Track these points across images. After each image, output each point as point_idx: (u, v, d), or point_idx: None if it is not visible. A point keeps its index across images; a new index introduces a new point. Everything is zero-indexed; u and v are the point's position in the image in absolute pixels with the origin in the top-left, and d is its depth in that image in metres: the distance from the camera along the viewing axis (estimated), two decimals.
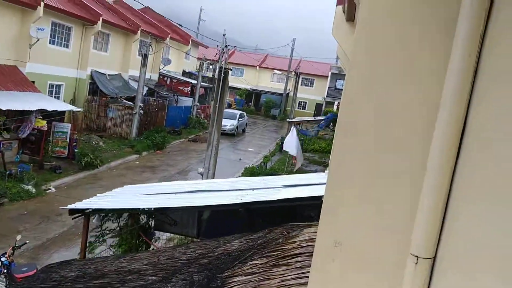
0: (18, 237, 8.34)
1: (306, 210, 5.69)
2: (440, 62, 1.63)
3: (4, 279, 7.63)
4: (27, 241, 8.80)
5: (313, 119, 32.99)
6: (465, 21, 1.49)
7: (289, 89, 47.76)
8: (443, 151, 1.59)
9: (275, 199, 5.26)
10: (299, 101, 47.92)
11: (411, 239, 1.83)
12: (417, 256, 1.81)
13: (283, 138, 25.88)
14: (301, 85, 46.74)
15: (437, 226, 1.76)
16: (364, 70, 1.91)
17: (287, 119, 32.90)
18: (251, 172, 18.59)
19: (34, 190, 13.65)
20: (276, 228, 5.37)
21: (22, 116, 15.73)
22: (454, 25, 1.54)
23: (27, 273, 7.00)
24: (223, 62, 17.72)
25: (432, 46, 1.69)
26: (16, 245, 8.19)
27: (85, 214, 6.46)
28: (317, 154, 26.26)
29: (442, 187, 1.66)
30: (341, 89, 34.71)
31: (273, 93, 49.05)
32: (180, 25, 29.65)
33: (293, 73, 46.40)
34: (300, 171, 20.32)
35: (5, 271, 7.71)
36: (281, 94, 48.33)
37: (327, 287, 2.14)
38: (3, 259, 7.81)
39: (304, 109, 49.26)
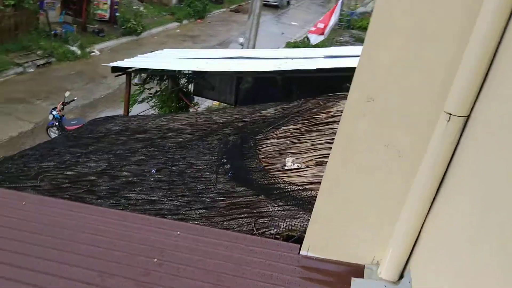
0: (67, 94, 8.82)
1: (345, 82, 5.57)
2: None
3: (56, 130, 8.31)
4: (75, 98, 9.31)
5: None
6: None
7: None
8: None
9: (314, 68, 5.13)
10: None
11: (446, 97, 1.76)
12: (450, 114, 1.75)
13: None
14: None
15: (476, 85, 1.66)
16: None
17: None
18: (293, 47, 18.04)
19: (79, 52, 13.99)
20: (312, 98, 5.36)
21: None
22: None
23: (76, 125, 7.53)
24: None
25: None
26: (66, 101, 8.72)
27: (127, 73, 6.62)
28: (364, 31, 24.85)
29: (488, 47, 1.53)
30: None
31: None
32: None
33: None
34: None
35: (56, 123, 8.35)
36: None
37: (353, 141, 2.15)
38: (54, 112, 8.40)
39: None
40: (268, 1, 27.00)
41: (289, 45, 18.69)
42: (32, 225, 2.12)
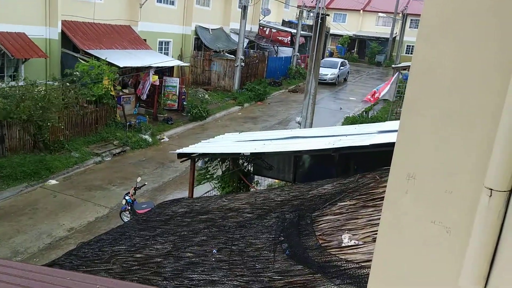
0: (139, 179, 9.54)
1: None
2: None
3: (128, 214, 8.89)
4: (146, 183, 10.01)
5: None
6: None
7: (395, 33, 44.63)
8: None
9: (368, 144, 5.23)
10: (407, 45, 44.65)
11: (486, 172, 1.81)
12: (491, 189, 1.79)
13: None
14: (410, 27, 43.32)
15: None
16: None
17: (392, 65, 31.08)
18: (351, 121, 18.25)
19: (150, 139, 15.20)
20: (369, 173, 5.38)
21: (137, 72, 17.28)
22: None
23: (146, 209, 8.03)
24: (320, 8, 17.18)
25: None
26: (137, 186, 9.40)
27: (191, 158, 7.12)
28: None
29: None
30: None
31: (378, 38, 46.29)
32: None
33: (400, 15, 43.04)
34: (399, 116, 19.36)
35: (129, 208, 8.96)
36: (386, 39, 45.42)
37: (399, 219, 2.20)
38: (127, 197, 9.06)
39: (412, 53, 45.81)
40: (325, 80, 27.97)
41: (348, 120, 18.92)
42: None
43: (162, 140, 15.79)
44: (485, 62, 1.80)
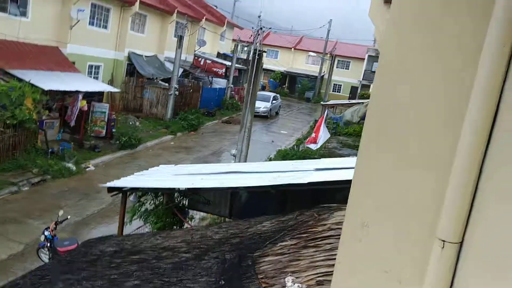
0: (60, 213, 8.78)
1: (338, 194, 5.68)
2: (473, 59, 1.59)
3: (47, 252, 8.09)
4: (69, 217, 9.25)
5: (348, 102, 32.48)
6: None
7: (324, 72, 47.06)
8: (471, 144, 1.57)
9: (306, 182, 5.27)
10: (334, 84, 47.21)
11: (437, 223, 1.83)
12: (443, 241, 1.80)
13: (316, 121, 25.72)
14: (337, 67, 45.95)
15: (465, 210, 1.75)
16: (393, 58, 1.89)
17: (321, 102, 32.55)
18: (283, 154, 18.60)
19: (74, 168, 14.23)
20: (307, 210, 5.40)
21: (64, 95, 16.32)
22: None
23: (69, 247, 7.38)
24: (257, 45, 17.64)
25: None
26: (59, 220, 8.64)
27: (123, 192, 6.71)
28: (350, 137, 25.92)
29: (469, 181, 1.65)
30: None
31: (307, 76, 48.47)
32: (216, 6, 29.63)
33: (328, 55, 45.59)
34: (333, 154, 20.16)
35: (48, 244, 8.17)
36: (315, 77, 47.70)
37: (353, 267, 2.17)
38: (46, 233, 8.26)
39: (339, 92, 48.47)
40: (258, 112, 28.46)
41: (280, 152, 19.27)
42: None
43: (87, 169, 14.87)
44: (439, 108, 1.86)
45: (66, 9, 18.13)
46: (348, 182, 4.31)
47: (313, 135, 18.07)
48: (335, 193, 5.80)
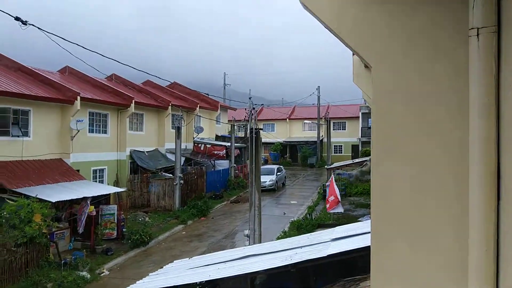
0: None
1: (360, 261, 5.52)
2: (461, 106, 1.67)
3: None
4: None
5: (351, 162, 32.64)
6: None
7: (322, 135, 47.80)
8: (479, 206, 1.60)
9: (325, 254, 5.15)
10: (334, 146, 47.74)
11: None
12: None
13: (324, 186, 25.64)
14: (334, 129, 46.75)
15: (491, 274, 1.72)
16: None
17: (326, 166, 32.68)
18: (297, 225, 18.26)
19: (89, 276, 13.90)
20: (332, 285, 5.22)
21: (72, 204, 16.41)
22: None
23: None
24: (253, 123, 18.15)
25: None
26: None
27: None
28: (362, 196, 25.65)
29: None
30: None
31: (306, 142, 49.16)
32: (207, 94, 30.86)
33: (323, 119, 46.63)
34: (348, 217, 19.81)
35: None
36: (315, 142, 48.37)
37: None
38: None
39: (341, 152, 48.87)
40: (264, 186, 28.45)
41: (294, 224, 18.92)
42: None
43: (102, 274, 14.50)
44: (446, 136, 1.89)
45: (66, 122, 18.90)
46: (367, 249, 4.23)
47: (332, 198, 18.18)
48: (357, 261, 5.64)
